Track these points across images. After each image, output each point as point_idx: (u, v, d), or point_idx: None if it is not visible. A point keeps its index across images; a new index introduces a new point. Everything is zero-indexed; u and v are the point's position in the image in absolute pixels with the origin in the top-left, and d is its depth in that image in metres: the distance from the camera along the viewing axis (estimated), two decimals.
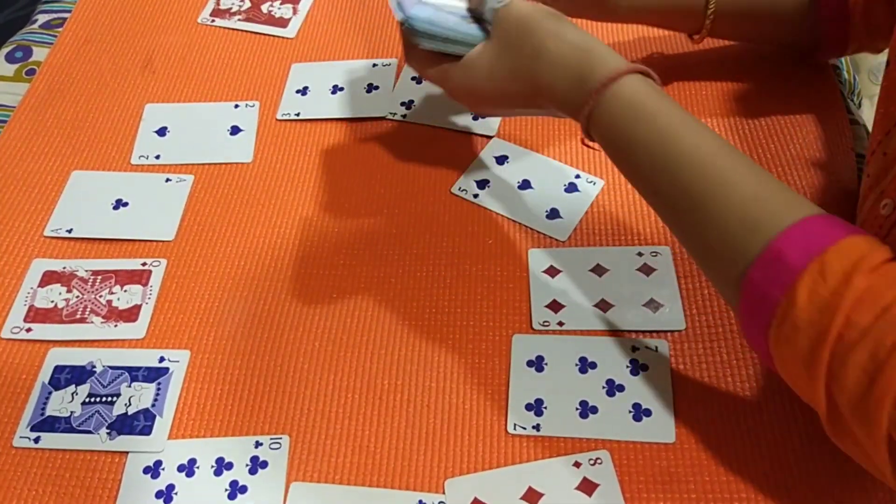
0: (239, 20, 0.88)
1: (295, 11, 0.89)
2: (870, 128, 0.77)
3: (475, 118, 0.77)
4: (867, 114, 0.88)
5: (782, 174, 0.70)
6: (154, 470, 0.56)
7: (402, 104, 0.79)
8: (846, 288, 0.42)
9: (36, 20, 0.92)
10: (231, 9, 0.89)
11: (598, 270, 0.65)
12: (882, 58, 1.17)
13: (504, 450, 0.56)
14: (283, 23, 0.88)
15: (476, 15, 0.61)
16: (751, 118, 0.75)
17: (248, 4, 0.90)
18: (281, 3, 0.90)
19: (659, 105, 0.52)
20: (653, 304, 0.63)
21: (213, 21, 0.88)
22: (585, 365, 0.60)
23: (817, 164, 0.71)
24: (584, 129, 0.56)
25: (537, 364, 0.60)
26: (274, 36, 0.87)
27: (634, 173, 0.54)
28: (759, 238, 0.46)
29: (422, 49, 0.61)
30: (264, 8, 0.89)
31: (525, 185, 0.71)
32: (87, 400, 0.60)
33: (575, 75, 0.55)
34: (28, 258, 0.68)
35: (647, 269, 0.65)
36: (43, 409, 0.59)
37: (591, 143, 0.56)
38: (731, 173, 0.49)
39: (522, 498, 0.54)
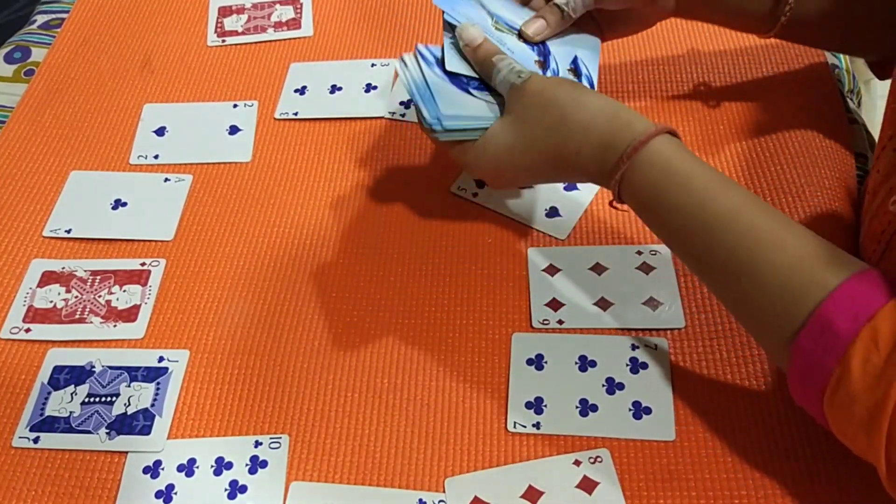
0: (248, 35, 0.87)
1: (298, 11, 0.89)
2: (869, 127, 0.77)
3: None
4: (864, 103, 0.88)
5: (781, 172, 0.70)
6: (154, 470, 0.56)
7: (401, 103, 0.79)
8: None
9: (35, 21, 0.92)
10: (237, 30, 0.88)
11: (598, 269, 0.65)
12: None
13: (504, 448, 0.56)
14: (294, 24, 0.88)
15: (487, 84, 0.61)
16: (749, 117, 0.75)
17: (245, 17, 0.89)
18: (280, 5, 0.90)
19: (691, 166, 0.52)
20: (652, 303, 0.63)
21: (223, 41, 0.87)
22: (585, 363, 0.60)
23: (816, 163, 0.71)
24: (614, 194, 0.55)
25: (537, 362, 0.60)
26: (292, 39, 0.86)
27: (670, 235, 0.54)
28: (804, 304, 0.46)
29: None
30: (273, 16, 0.89)
31: None
32: (87, 400, 0.60)
33: (601, 142, 0.54)
34: (27, 258, 0.68)
35: (646, 268, 0.65)
36: (42, 409, 0.59)
37: (619, 206, 0.56)
38: (769, 235, 0.48)
39: (523, 496, 0.54)
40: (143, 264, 0.68)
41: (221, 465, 0.56)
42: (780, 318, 0.47)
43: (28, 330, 0.64)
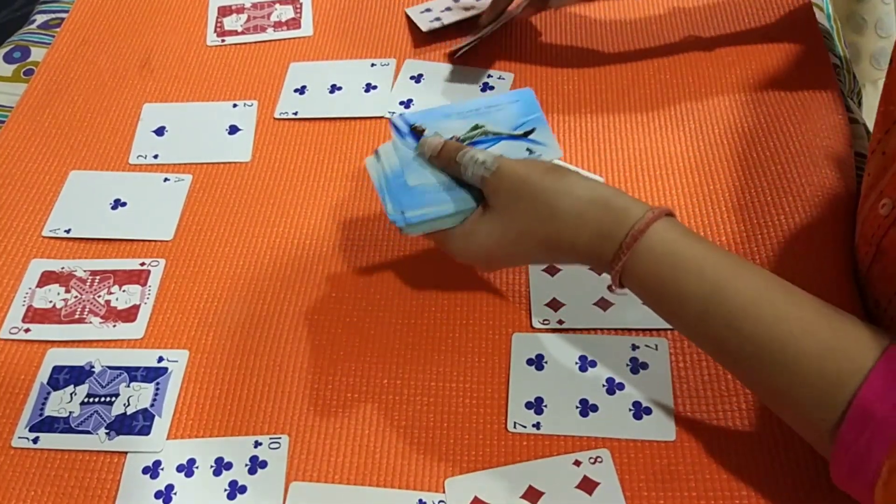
0: (248, 34, 0.87)
1: (297, 10, 0.89)
2: (870, 126, 0.77)
3: None
4: (870, 104, 0.88)
5: (781, 172, 0.70)
6: (153, 470, 0.56)
7: (401, 103, 0.79)
8: None
9: (34, 20, 0.92)
10: (237, 30, 0.88)
11: None
12: (883, 43, 1.16)
13: (504, 448, 0.56)
14: (294, 24, 0.88)
15: (458, 180, 0.58)
16: (750, 117, 0.75)
17: (245, 17, 0.89)
18: (280, 5, 0.90)
19: (699, 251, 0.50)
20: None
21: (223, 41, 0.87)
22: (585, 363, 0.60)
23: (816, 163, 0.71)
24: (615, 283, 0.52)
25: (537, 362, 0.60)
26: (292, 38, 0.86)
27: (683, 324, 0.51)
28: (842, 393, 0.44)
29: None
30: (273, 16, 0.89)
31: None
32: (86, 400, 0.60)
33: (597, 232, 0.51)
34: (26, 258, 0.68)
35: None
36: (42, 409, 0.59)
37: (618, 291, 0.53)
38: (796, 320, 0.47)
39: (523, 497, 0.54)
40: (142, 264, 0.68)
41: (221, 466, 0.56)
42: (819, 409, 0.46)
43: (27, 330, 0.64)
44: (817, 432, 0.47)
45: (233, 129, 0.78)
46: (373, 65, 0.83)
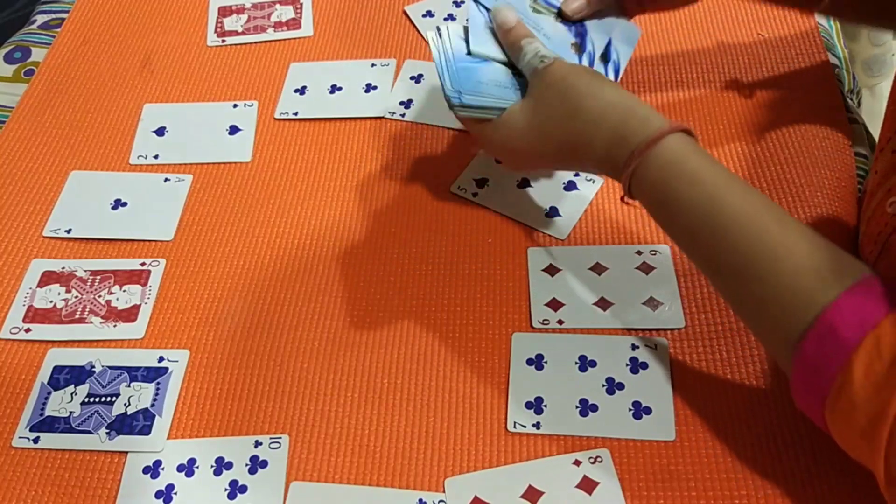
0: (248, 35, 0.87)
1: (297, 10, 0.89)
2: (869, 126, 0.77)
3: None
4: (864, 109, 0.88)
5: (781, 172, 0.70)
6: (153, 470, 0.56)
7: (401, 103, 0.79)
8: None
9: (35, 21, 0.92)
10: (237, 30, 0.88)
11: (598, 269, 0.65)
12: (876, 51, 1.17)
13: (504, 448, 0.56)
14: (294, 24, 0.88)
15: (514, 66, 0.61)
16: (749, 117, 0.75)
17: (245, 17, 0.89)
18: (280, 5, 0.90)
19: (704, 165, 0.52)
20: (652, 303, 0.63)
21: (223, 41, 0.87)
22: (585, 363, 0.60)
23: (816, 163, 0.70)
24: (625, 189, 0.54)
25: (537, 362, 0.60)
26: (292, 39, 0.87)
27: (679, 234, 0.53)
28: (811, 310, 0.46)
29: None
30: (273, 16, 0.89)
31: (524, 183, 0.71)
32: (87, 400, 0.60)
33: (615, 135, 0.54)
34: (27, 258, 0.68)
35: (646, 268, 0.65)
36: (42, 409, 0.59)
37: (631, 202, 0.55)
38: (779, 238, 0.48)
39: (523, 496, 0.54)
40: (142, 264, 0.68)
41: (221, 465, 0.56)
42: (787, 323, 0.47)
43: (28, 330, 0.64)
44: (781, 346, 0.48)
45: (233, 130, 0.78)
46: (373, 65, 0.83)
